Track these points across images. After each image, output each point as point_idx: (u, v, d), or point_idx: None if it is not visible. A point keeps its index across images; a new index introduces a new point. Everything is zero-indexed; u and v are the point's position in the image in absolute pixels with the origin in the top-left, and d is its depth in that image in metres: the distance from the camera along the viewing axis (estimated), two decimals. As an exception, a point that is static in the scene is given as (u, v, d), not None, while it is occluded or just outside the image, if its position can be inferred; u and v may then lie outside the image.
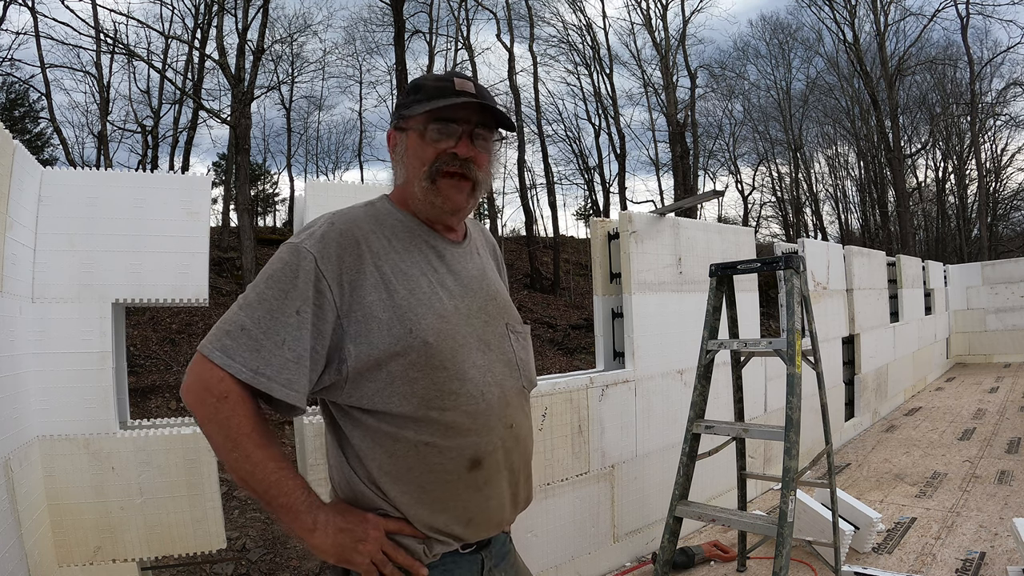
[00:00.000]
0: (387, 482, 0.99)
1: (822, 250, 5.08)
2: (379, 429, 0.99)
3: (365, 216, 1.05)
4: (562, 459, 2.71)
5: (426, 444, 0.98)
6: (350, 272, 0.97)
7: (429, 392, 0.98)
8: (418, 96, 1.06)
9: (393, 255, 1.02)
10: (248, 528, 4.07)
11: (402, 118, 1.08)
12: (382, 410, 0.98)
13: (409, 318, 0.98)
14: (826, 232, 26.82)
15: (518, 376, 1.12)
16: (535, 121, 19.87)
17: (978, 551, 2.83)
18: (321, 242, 0.97)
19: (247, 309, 0.94)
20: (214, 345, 0.92)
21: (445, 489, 1.00)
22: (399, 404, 0.97)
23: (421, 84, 1.08)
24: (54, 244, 1.84)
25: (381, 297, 0.98)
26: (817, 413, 2.69)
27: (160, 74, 15.41)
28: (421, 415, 0.98)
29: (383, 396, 0.97)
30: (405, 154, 1.08)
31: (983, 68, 19.95)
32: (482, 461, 1.02)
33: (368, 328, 0.96)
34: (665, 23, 20.69)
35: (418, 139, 1.06)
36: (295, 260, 0.95)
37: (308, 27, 21.16)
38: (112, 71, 16.52)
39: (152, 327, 10.31)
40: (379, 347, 0.96)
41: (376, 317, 0.97)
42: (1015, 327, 9.63)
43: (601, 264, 3.21)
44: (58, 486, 1.80)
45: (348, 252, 0.98)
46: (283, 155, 25.29)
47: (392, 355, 0.96)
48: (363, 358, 0.96)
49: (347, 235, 0.99)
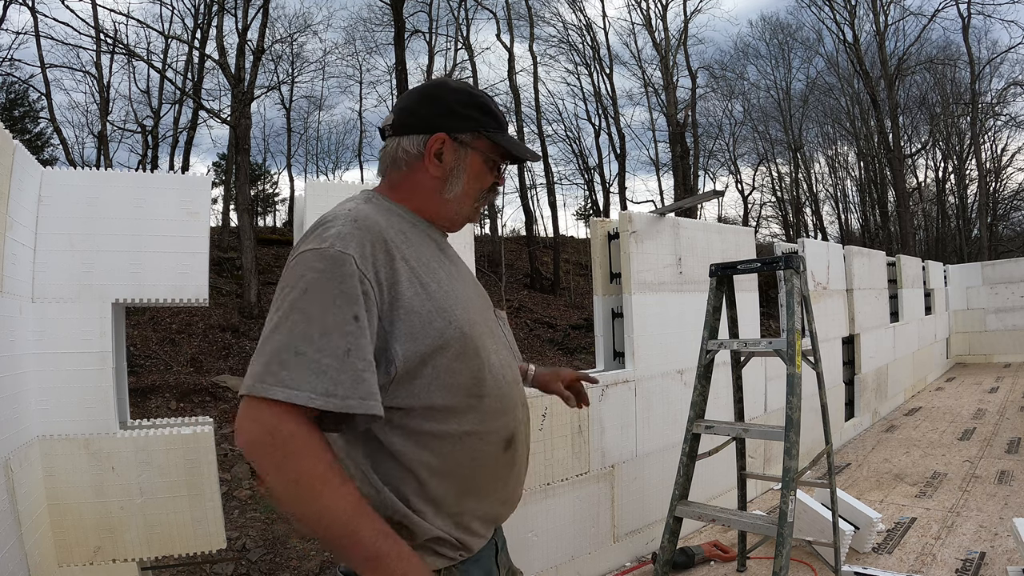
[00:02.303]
0: (436, 482, 0.96)
1: (822, 250, 5.08)
2: (422, 429, 0.96)
3: (376, 212, 1.02)
4: (562, 459, 2.71)
5: (469, 434, 0.99)
6: (385, 269, 0.93)
7: (468, 381, 0.99)
8: (491, 122, 1.10)
9: (412, 248, 1.01)
10: (248, 528, 4.07)
11: (471, 132, 1.08)
12: (427, 405, 0.96)
13: (446, 309, 0.97)
14: (826, 232, 26.82)
15: (515, 357, 1.20)
16: (535, 121, 19.86)
17: (978, 551, 2.83)
18: (354, 240, 0.91)
19: (291, 333, 0.84)
20: (267, 382, 0.82)
21: (490, 474, 1.03)
22: (444, 397, 0.97)
23: (490, 109, 1.11)
24: (54, 244, 1.84)
25: (417, 291, 0.95)
26: (817, 413, 2.69)
27: (160, 74, 15.41)
28: (464, 405, 0.99)
29: (428, 392, 0.95)
30: (465, 172, 1.09)
31: (983, 68, 19.96)
32: (513, 439, 1.07)
33: (411, 325, 0.93)
34: (665, 23, 20.70)
35: (482, 165, 1.10)
36: (334, 266, 0.88)
37: (308, 27, 21.21)
38: (112, 71, 16.52)
39: (152, 327, 10.31)
40: (424, 343, 0.94)
41: (417, 312, 0.94)
42: (1015, 327, 9.63)
43: (601, 264, 3.21)
44: (58, 486, 1.80)
45: (379, 249, 0.93)
46: (283, 155, 25.31)
47: (436, 349, 0.95)
48: (411, 357, 0.93)
49: (374, 232, 0.94)
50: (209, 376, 8.64)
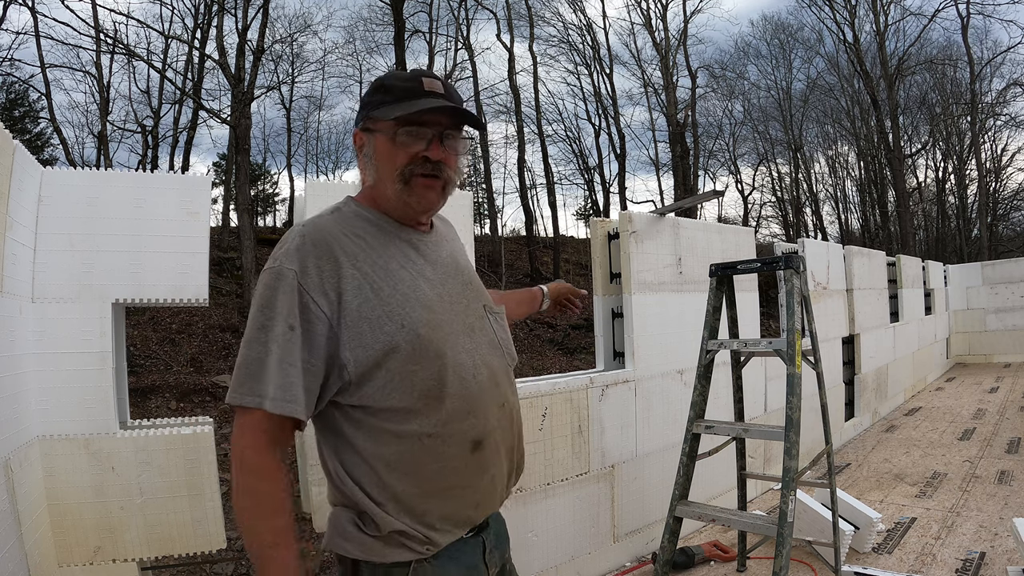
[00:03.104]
0: (395, 479, 0.99)
1: (822, 250, 5.08)
2: (383, 428, 0.99)
3: (333, 221, 1.04)
4: (562, 459, 2.71)
5: (430, 436, 0.99)
6: (331, 279, 0.97)
7: (427, 383, 0.99)
8: (385, 97, 1.04)
9: (371, 253, 1.02)
10: (248, 528, 4.06)
11: (369, 119, 1.06)
12: (384, 407, 0.98)
13: (398, 313, 0.99)
14: (826, 232, 26.82)
15: (502, 355, 1.15)
16: (535, 121, 19.90)
17: (978, 551, 2.83)
18: (297, 256, 0.97)
19: (246, 345, 0.96)
20: (232, 390, 0.95)
21: (454, 476, 1.02)
22: (400, 399, 0.98)
23: (388, 85, 1.06)
24: (54, 244, 1.84)
25: (367, 297, 0.98)
26: (817, 413, 2.69)
27: (160, 74, 15.42)
28: (422, 406, 0.99)
29: (384, 393, 0.98)
30: (375, 157, 1.07)
31: (983, 68, 19.97)
32: (483, 442, 1.05)
33: (360, 331, 0.97)
34: (665, 23, 20.71)
35: (388, 143, 1.04)
36: (276, 281, 0.96)
37: (308, 27, 21.20)
38: (112, 71, 16.54)
39: (152, 327, 10.31)
40: (375, 347, 0.97)
41: (366, 318, 0.97)
42: (1015, 327, 9.63)
43: (601, 264, 3.21)
44: (58, 486, 1.80)
45: (325, 260, 0.98)
46: (283, 155, 25.31)
47: (388, 352, 0.97)
48: (362, 361, 0.97)
49: (320, 244, 0.99)
50: (209, 376, 8.64)
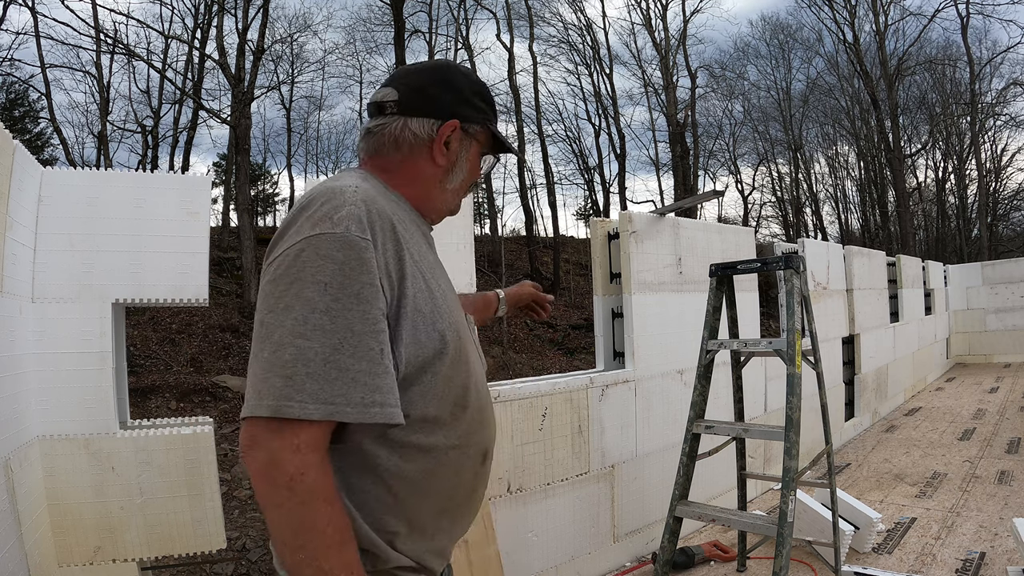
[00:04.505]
0: (415, 500, 0.87)
1: (822, 250, 5.08)
2: (409, 441, 0.85)
3: (378, 194, 0.89)
4: (562, 459, 2.71)
5: (454, 448, 0.91)
6: (395, 262, 0.83)
7: (457, 391, 0.90)
8: (494, 115, 1.05)
9: (414, 242, 0.90)
10: (248, 528, 4.07)
11: (468, 120, 1.00)
12: (419, 416, 0.86)
13: (445, 311, 0.88)
14: (826, 232, 26.82)
15: (482, 362, 1.09)
16: (535, 121, 19.87)
17: (978, 551, 2.83)
18: (367, 224, 0.80)
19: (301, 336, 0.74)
20: (281, 399, 0.72)
21: (468, 488, 0.96)
22: (436, 407, 0.87)
23: (487, 95, 1.05)
24: (54, 244, 1.84)
25: (421, 288, 0.86)
26: (817, 413, 2.69)
27: (160, 74, 15.41)
28: (449, 416, 0.90)
29: (424, 400, 0.86)
30: (465, 163, 1.03)
31: (983, 68, 19.97)
32: (488, 452, 1.00)
33: (415, 327, 0.84)
34: (665, 23, 20.71)
35: (477, 156, 1.04)
36: (344, 252, 0.77)
37: (308, 27, 21.24)
38: (112, 71, 16.50)
39: (152, 327, 10.31)
40: (428, 347, 0.85)
41: (421, 312, 0.85)
42: (1015, 327, 9.63)
43: (601, 264, 3.21)
44: (58, 486, 1.80)
45: (389, 238, 0.83)
46: (283, 155, 25.25)
47: (438, 353, 0.86)
48: (413, 361, 0.84)
49: (384, 216, 0.84)
50: (209, 376, 8.65)
